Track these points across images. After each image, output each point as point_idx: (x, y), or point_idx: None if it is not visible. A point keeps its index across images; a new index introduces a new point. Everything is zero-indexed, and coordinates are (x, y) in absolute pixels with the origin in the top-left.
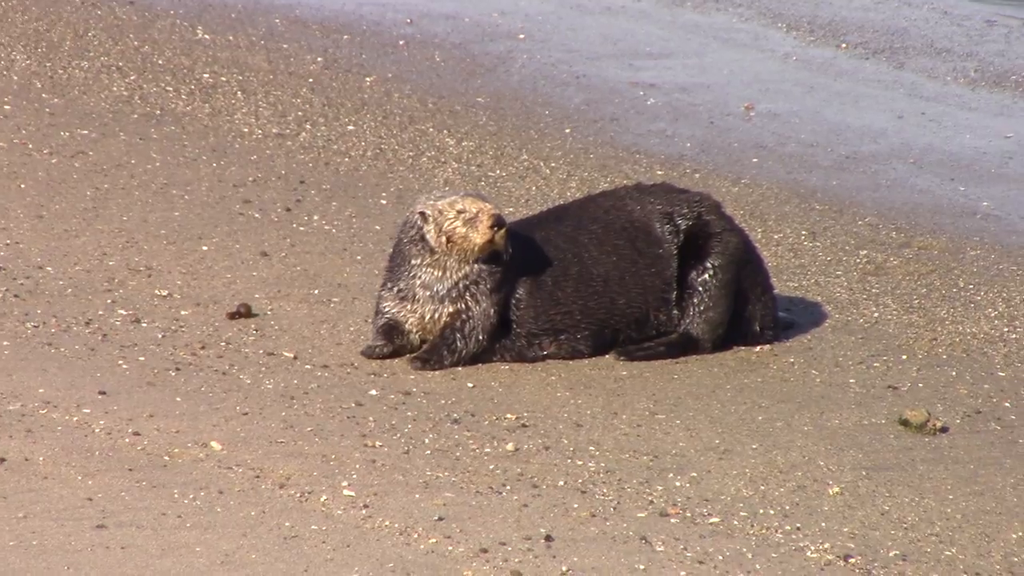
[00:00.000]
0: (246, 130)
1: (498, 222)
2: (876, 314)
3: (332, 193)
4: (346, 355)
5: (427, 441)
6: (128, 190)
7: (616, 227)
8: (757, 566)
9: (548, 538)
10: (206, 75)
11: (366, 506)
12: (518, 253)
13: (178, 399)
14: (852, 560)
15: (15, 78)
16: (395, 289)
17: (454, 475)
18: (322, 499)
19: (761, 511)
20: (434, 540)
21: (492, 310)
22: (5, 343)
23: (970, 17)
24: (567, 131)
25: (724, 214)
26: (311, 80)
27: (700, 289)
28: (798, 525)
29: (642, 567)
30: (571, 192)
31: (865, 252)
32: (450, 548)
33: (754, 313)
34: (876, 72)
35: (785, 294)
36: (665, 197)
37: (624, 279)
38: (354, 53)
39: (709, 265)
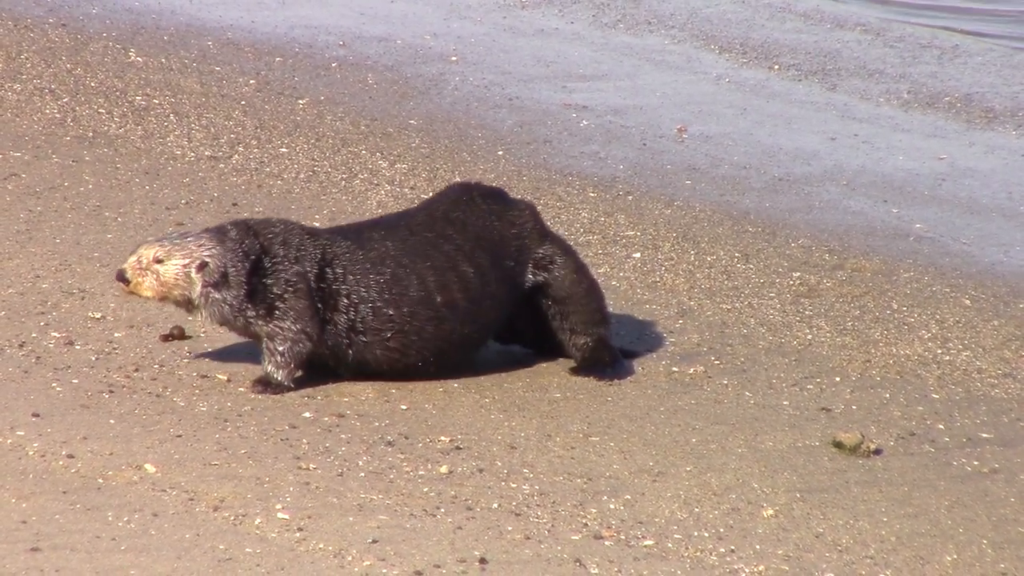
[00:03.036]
0: (179, 152)
1: (117, 276)
2: (809, 336)
3: (265, 215)
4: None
5: (361, 463)
6: (61, 212)
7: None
8: None
9: (483, 560)
10: (139, 98)
11: (300, 529)
12: (349, 259)
13: (112, 421)
14: None
15: None
16: None
17: (388, 497)
18: (256, 522)
19: (695, 533)
20: (368, 562)
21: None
22: None
23: (903, 39)
24: (500, 153)
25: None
26: (244, 102)
27: (562, 306)
28: (732, 547)
29: None
30: None
31: (798, 274)
32: (384, 571)
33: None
34: (808, 94)
35: (718, 316)
36: (500, 205)
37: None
38: (287, 75)
39: (560, 278)
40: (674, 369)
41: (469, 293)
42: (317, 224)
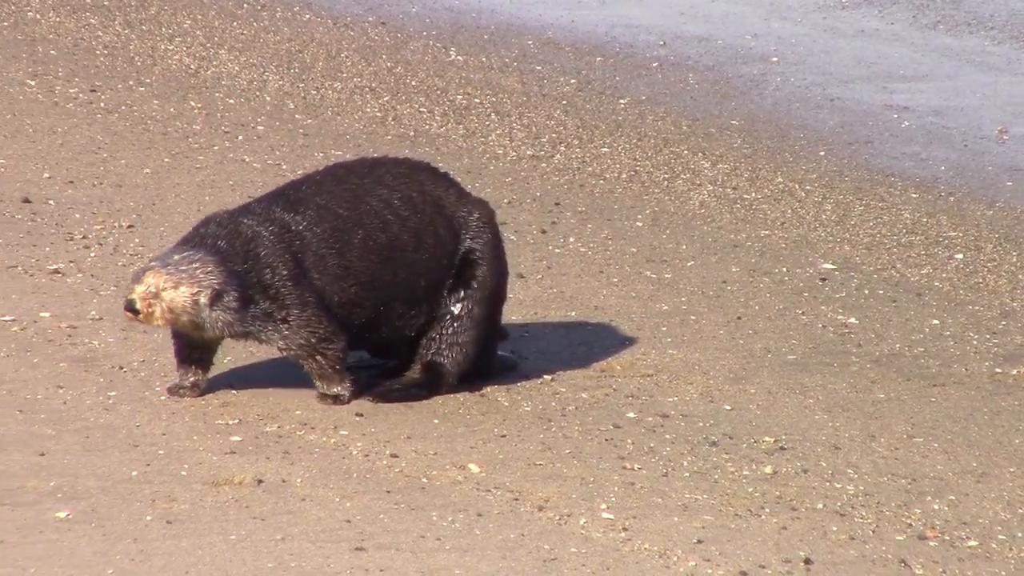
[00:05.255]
0: (500, 152)
1: (126, 307)
2: None
3: (587, 215)
4: (604, 377)
5: (685, 464)
6: None
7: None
8: None
9: (807, 561)
10: (459, 96)
11: (625, 529)
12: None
13: (436, 421)
14: None
15: (268, 99)
16: None
17: (712, 498)
18: (581, 522)
19: (1020, 534)
20: (693, 563)
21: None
22: (262, 366)
23: None
24: (821, 153)
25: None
26: (564, 102)
27: (457, 312)
28: None
29: None
30: (826, 215)
31: None
32: (709, 571)
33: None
34: None
35: None
36: (457, 188)
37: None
38: (607, 75)
39: (474, 291)
40: (997, 370)
41: (413, 235)
42: (639, 224)
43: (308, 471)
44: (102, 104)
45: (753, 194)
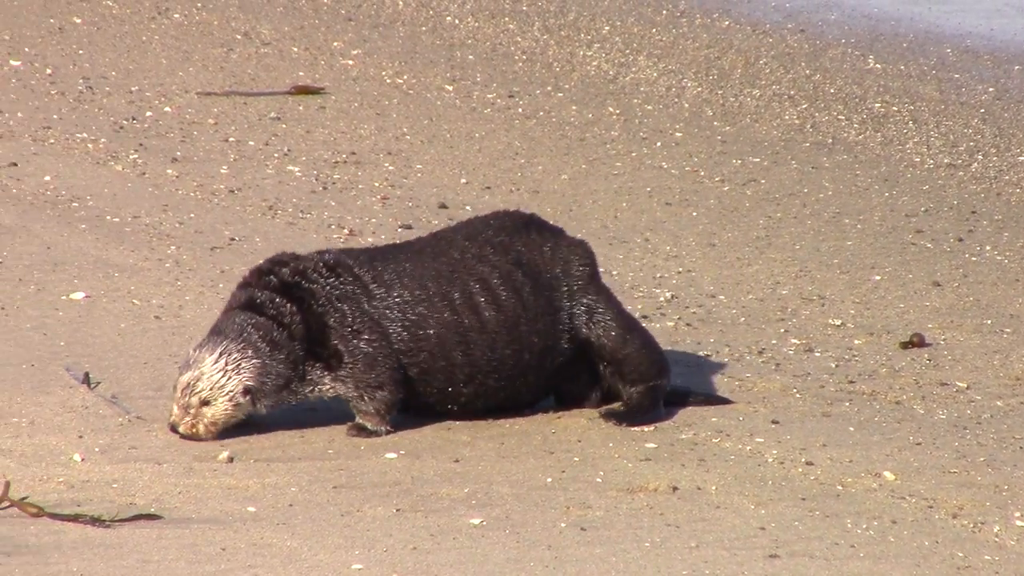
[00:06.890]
0: (917, 160)
1: (170, 429)
2: None
3: (1004, 224)
4: (1019, 385)
5: None
6: (800, 219)
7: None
8: None
9: None
10: (877, 104)
11: None
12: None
13: (851, 428)
14: None
15: (686, 105)
16: None
17: None
18: (995, 529)
19: None
20: None
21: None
22: (677, 375)
23: None
24: None
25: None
26: (982, 110)
27: (614, 364)
28: None
29: None
30: None
31: None
32: None
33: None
34: None
35: None
36: (553, 241)
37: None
38: None
39: (608, 332)
40: None
41: (502, 314)
42: None
43: (723, 478)
44: (520, 110)
45: None
